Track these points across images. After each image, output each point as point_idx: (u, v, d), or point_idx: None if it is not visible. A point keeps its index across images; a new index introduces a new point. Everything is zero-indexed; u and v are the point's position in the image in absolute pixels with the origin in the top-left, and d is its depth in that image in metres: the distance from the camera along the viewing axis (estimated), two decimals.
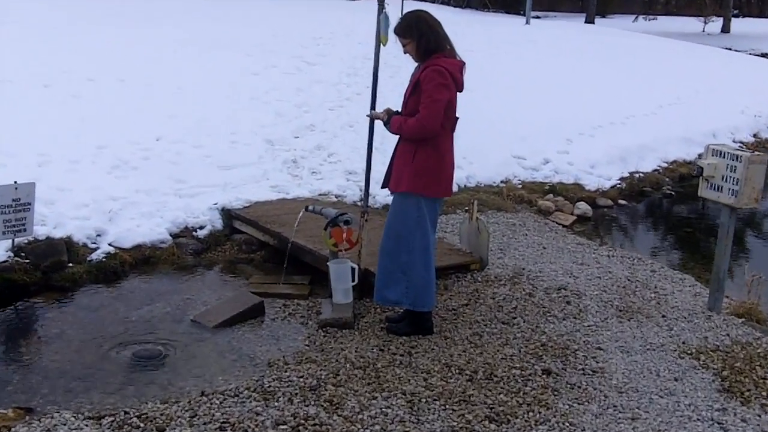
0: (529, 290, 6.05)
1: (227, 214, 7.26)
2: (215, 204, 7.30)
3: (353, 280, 5.50)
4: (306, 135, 9.67)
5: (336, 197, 7.90)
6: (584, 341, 5.18)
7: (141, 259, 6.48)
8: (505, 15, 33.92)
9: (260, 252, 6.88)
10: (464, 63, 5.01)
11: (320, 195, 7.92)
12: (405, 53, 5.07)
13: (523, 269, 6.55)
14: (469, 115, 10.71)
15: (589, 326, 5.44)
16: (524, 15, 27.13)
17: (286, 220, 6.76)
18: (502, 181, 9.40)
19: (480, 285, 6.12)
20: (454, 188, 8.95)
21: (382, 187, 5.25)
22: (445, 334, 5.19)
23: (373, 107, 5.46)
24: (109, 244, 6.45)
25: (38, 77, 9.95)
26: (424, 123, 4.78)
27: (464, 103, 5.17)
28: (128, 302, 5.77)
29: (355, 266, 5.55)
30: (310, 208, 6.00)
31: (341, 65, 13.64)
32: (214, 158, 8.35)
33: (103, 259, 6.27)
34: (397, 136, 5.07)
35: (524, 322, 5.45)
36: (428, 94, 4.78)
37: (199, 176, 7.83)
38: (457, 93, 4.97)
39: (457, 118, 5.03)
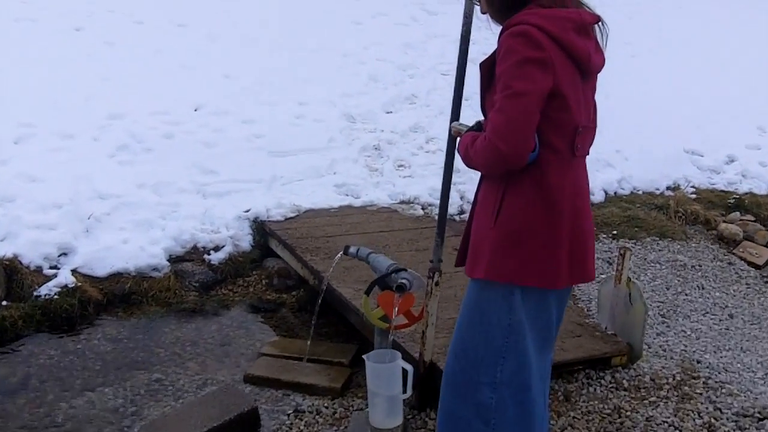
0: (708, 417, 3.57)
1: (260, 228, 5.09)
2: (247, 211, 5.15)
3: (404, 391, 3.24)
4: (402, 109, 7.29)
5: (423, 208, 5.54)
6: None
7: (117, 296, 4.46)
8: None
9: (298, 291, 4.71)
10: (598, 18, 2.48)
11: (402, 202, 5.61)
12: (483, 13, 2.64)
13: (698, 363, 4.06)
14: (625, 93, 8.24)
15: None
16: None
17: (339, 246, 4.49)
18: (668, 187, 6.75)
19: (625, 397, 3.69)
20: (598, 195, 6.46)
21: (456, 265, 2.81)
22: None
23: (456, 116, 3.01)
24: (73, 271, 4.43)
25: (70, 17, 7.88)
26: (496, 143, 2.32)
27: (617, 76, 2.68)
28: (66, 380, 3.76)
29: (409, 367, 3.26)
30: (352, 250, 3.73)
31: None
32: (267, 139, 6.16)
33: (56, 297, 4.25)
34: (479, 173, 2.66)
35: None
36: (503, 82, 2.34)
37: (238, 165, 5.69)
38: (585, 75, 2.46)
39: (589, 127, 2.53)
